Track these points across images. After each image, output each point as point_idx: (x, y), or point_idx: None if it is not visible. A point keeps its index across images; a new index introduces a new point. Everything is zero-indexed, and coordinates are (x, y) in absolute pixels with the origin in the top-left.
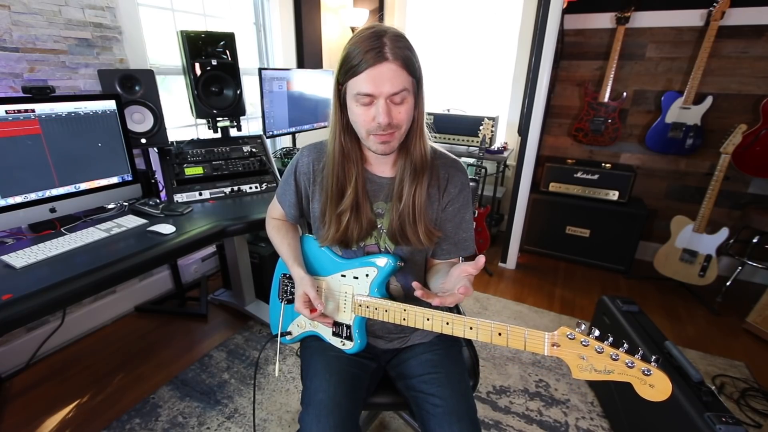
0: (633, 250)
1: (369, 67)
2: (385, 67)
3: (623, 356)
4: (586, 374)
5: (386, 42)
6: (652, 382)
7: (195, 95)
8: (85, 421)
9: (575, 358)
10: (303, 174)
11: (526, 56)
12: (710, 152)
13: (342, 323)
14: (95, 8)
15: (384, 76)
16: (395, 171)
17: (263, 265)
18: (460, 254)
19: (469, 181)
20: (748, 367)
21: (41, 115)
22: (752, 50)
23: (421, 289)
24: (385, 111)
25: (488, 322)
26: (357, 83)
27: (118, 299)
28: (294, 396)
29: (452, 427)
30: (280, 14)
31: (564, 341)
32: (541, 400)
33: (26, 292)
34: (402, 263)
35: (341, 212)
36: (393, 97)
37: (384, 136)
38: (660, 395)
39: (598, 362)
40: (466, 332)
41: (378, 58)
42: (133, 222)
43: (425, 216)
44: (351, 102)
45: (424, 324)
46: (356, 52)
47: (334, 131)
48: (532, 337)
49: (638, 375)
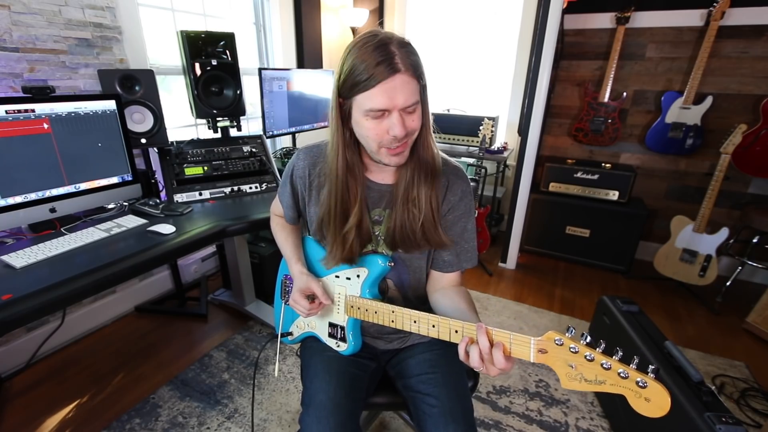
0: (633, 250)
1: (381, 81)
2: (398, 79)
3: (616, 365)
4: (575, 384)
5: (395, 51)
6: (648, 396)
7: (195, 95)
8: (85, 421)
9: (563, 365)
10: (299, 178)
11: (526, 56)
12: (710, 152)
13: (337, 324)
14: (95, 8)
15: (397, 89)
16: (395, 177)
17: (263, 265)
18: (462, 266)
19: (471, 190)
20: (748, 367)
21: (51, 115)
22: (752, 50)
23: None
24: (401, 123)
25: (472, 325)
26: (368, 98)
27: (118, 299)
28: (294, 396)
29: (447, 428)
30: (280, 14)
31: (551, 347)
32: (541, 400)
33: (26, 292)
34: (392, 263)
35: (346, 232)
36: (406, 108)
37: (398, 148)
38: (657, 410)
39: (588, 371)
40: (451, 336)
41: (390, 70)
42: (133, 222)
43: (438, 219)
44: (359, 117)
45: (411, 327)
46: (364, 66)
47: (337, 147)
48: (517, 342)
49: (632, 387)
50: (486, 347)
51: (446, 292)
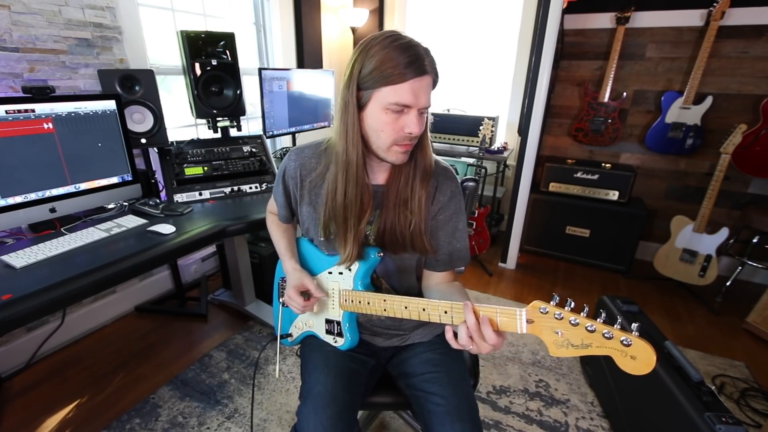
0: (633, 250)
1: (413, 78)
2: (426, 80)
3: (600, 327)
4: (563, 351)
5: (424, 55)
6: (634, 353)
7: (195, 95)
8: (85, 421)
9: (550, 333)
10: (291, 178)
11: (526, 56)
12: (710, 152)
13: (333, 320)
14: (95, 8)
15: (422, 90)
16: (387, 178)
17: (263, 265)
18: (454, 266)
19: (460, 189)
20: (748, 367)
21: (52, 115)
22: (752, 50)
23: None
24: (419, 121)
25: (460, 304)
26: (395, 92)
27: (118, 299)
28: (294, 396)
29: (454, 426)
30: (280, 14)
31: (537, 316)
32: (541, 400)
33: (26, 292)
34: (382, 254)
35: (362, 228)
36: (425, 108)
37: (408, 145)
38: (643, 367)
39: (574, 336)
40: (441, 317)
41: (421, 70)
42: (133, 222)
43: (426, 223)
44: (377, 110)
45: (402, 313)
46: (396, 61)
47: (351, 140)
48: (504, 315)
49: (618, 347)
50: (473, 323)
51: (439, 287)
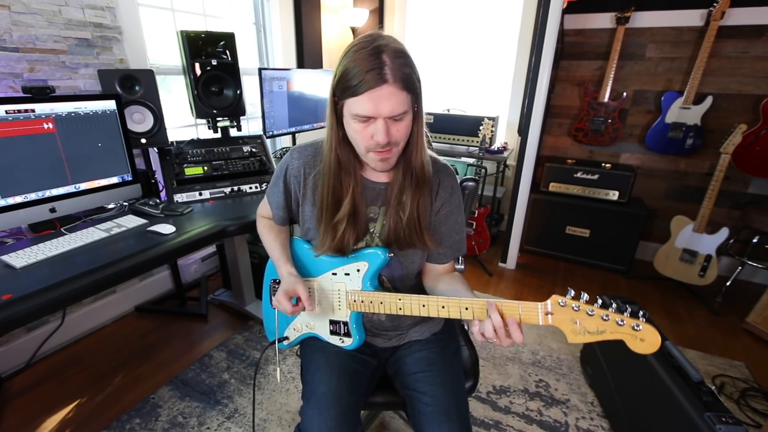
0: (633, 250)
1: (368, 90)
2: (385, 90)
3: (613, 316)
4: (580, 337)
5: (386, 61)
6: (643, 337)
7: (195, 95)
8: (85, 421)
9: (569, 323)
10: (294, 177)
11: (526, 56)
12: (710, 152)
13: (339, 321)
14: (95, 8)
15: (383, 99)
16: (390, 176)
17: (263, 265)
18: (455, 255)
19: (458, 185)
20: (748, 367)
21: (52, 115)
22: (752, 50)
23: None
24: (384, 130)
25: (481, 301)
26: (355, 104)
27: (118, 299)
28: (294, 396)
29: (441, 427)
30: (280, 14)
31: (556, 309)
32: (541, 400)
33: (26, 292)
34: (392, 254)
35: (337, 222)
36: (393, 117)
37: (383, 153)
38: (651, 347)
39: (590, 324)
40: (462, 313)
41: (378, 80)
42: (133, 222)
43: (425, 225)
44: (348, 118)
45: (420, 311)
46: (355, 72)
47: (330, 143)
48: (525, 309)
49: (629, 332)
50: (499, 322)
51: (443, 278)
